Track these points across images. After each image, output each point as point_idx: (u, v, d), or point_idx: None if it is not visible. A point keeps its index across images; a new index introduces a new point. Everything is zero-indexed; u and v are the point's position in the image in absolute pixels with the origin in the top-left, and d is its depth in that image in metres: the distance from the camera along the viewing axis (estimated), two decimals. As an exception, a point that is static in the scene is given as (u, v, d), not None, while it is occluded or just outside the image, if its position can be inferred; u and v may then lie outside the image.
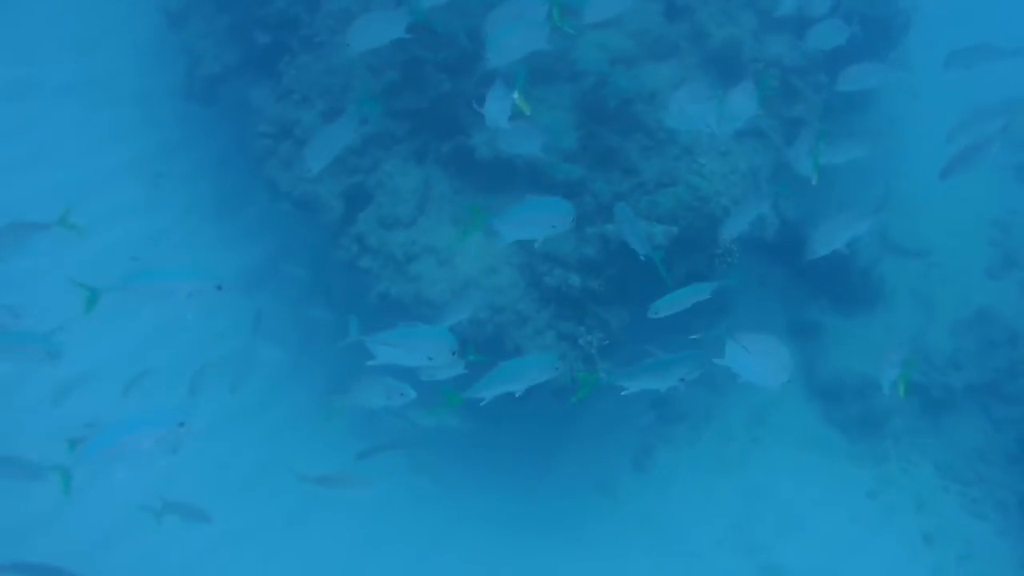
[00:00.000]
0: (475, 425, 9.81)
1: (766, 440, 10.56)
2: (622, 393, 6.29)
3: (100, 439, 5.27)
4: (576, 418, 10.33)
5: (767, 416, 10.75)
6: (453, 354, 5.91)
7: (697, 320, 10.46)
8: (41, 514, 8.79)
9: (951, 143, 7.76)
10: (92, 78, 12.10)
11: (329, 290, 10.73)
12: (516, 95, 6.55)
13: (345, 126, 7.25)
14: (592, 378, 6.30)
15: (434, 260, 8.72)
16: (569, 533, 9.72)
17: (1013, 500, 10.08)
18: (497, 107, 6.66)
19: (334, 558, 9.32)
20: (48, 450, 5.82)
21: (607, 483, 10.13)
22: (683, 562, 9.58)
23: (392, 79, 9.16)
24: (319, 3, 9.52)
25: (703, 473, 10.28)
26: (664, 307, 6.67)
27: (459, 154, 9.01)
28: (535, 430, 10.14)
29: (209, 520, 7.86)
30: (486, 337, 8.48)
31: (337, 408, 6.58)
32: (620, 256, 8.40)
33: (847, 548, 9.74)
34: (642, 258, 7.07)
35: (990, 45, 8.09)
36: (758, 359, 5.90)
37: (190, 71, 10.93)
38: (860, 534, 9.88)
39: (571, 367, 8.38)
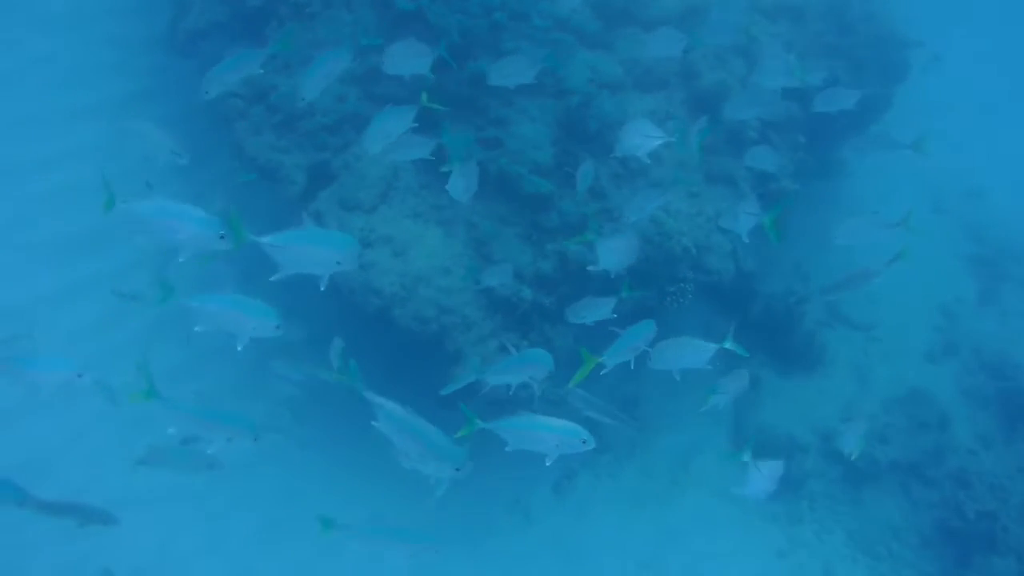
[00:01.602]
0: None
1: (686, 484, 10.56)
2: (483, 392, 6.78)
3: None
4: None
5: (690, 461, 10.76)
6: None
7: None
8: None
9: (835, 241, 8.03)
10: (75, 15, 11.88)
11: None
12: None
13: None
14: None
15: (389, 250, 8.61)
16: (478, 544, 9.63)
17: (920, 583, 10.19)
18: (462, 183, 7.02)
19: (229, 547, 9.13)
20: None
21: (523, 501, 10.06)
22: (590, 595, 9.56)
23: (375, 64, 9.07)
24: (315, -27, 9.42)
25: (621, 507, 10.24)
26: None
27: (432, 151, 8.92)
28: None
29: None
30: (429, 336, 8.39)
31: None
32: (575, 277, 8.38)
33: (749, 604, 9.78)
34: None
35: (887, 135, 8.35)
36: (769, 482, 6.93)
37: (174, 22, 10.74)
38: (764, 592, 9.92)
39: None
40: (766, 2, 10.18)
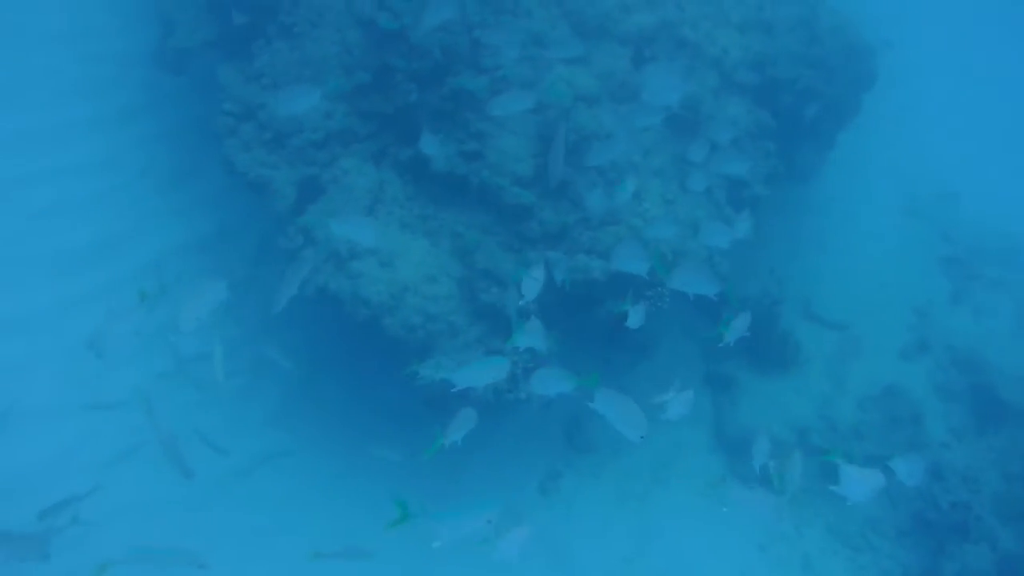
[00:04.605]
0: (394, 428, 10.04)
1: (669, 482, 10.85)
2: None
3: None
4: (490, 435, 10.54)
5: (673, 460, 11.06)
6: None
7: (619, 356, 10.86)
8: None
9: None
10: (69, 31, 12.16)
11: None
12: None
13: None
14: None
15: (376, 261, 8.88)
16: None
17: (898, 571, 10.49)
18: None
19: (232, 542, 9.35)
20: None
21: (511, 501, 10.33)
22: (577, 590, 9.84)
23: (362, 80, 9.37)
24: (301, -8, 9.72)
25: (605, 505, 10.53)
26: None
27: (416, 163, 9.22)
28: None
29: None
30: (416, 343, 8.69)
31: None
32: (556, 285, 8.67)
33: (731, 596, 10.07)
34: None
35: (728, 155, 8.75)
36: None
37: (163, 39, 11.01)
38: (745, 584, 10.22)
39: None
40: (736, 16, 10.50)
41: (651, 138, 9.71)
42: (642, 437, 6.51)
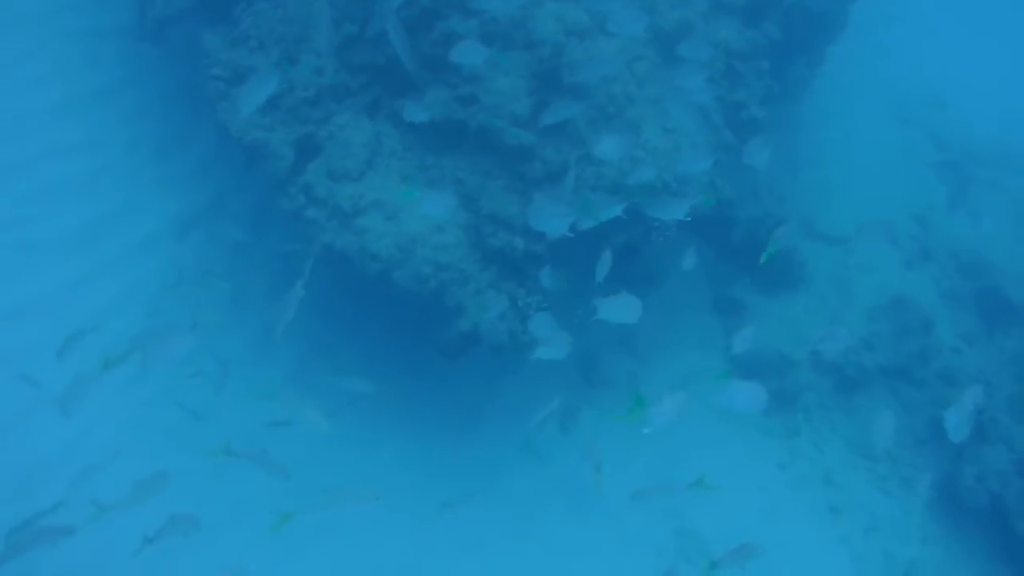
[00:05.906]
0: (412, 380, 10.05)
1: (685, 409, 10.89)
2: None
3: None
4: (505, 376, 10.56)
5: (687, 387, 11.08)
6: None
7: (627, 288, 10.84)
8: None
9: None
10: (40, 11, 11.92)
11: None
12: None
13: None
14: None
15: (381, 215, 8.84)
16: (494, 487, 9.95)
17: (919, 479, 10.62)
18: None
19: (258, 496, 9.34)
20: None
21: (532, 442, 10.38)
22: (602, 522, 9.89)
23: (350, 33, 9.25)
24: (279, -49, 9.54)
25: (624, 438, 10.58)
26: None
27: (411, 112, 9.12)
28: (467, 385, 10.35)
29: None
30: (428, 293, 8.67)
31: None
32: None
33: (756, 515, 10.14)
34: None
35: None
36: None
37: (143, 11, 10.83)
38: (769, 503, 10.30)
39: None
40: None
41: (644, 67, 9.63)
42: None
